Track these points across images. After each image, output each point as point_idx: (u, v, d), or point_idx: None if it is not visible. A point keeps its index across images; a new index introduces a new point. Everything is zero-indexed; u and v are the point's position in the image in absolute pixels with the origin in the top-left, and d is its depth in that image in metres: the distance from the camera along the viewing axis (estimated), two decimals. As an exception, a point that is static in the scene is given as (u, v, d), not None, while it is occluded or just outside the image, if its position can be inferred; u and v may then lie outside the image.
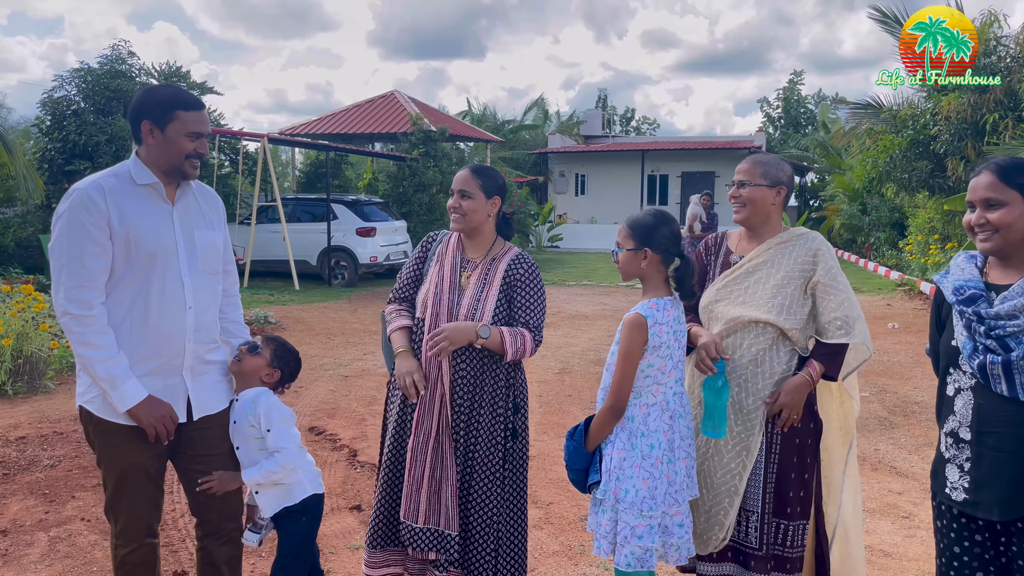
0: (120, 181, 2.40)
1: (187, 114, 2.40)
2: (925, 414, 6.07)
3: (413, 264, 3.00)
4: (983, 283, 2.08)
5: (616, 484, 2.48)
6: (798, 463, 2.63)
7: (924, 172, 12.81)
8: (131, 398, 2.35)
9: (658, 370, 2.50)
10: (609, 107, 43.59)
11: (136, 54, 15.85)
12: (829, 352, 2.64)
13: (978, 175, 2.07)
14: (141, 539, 2.49)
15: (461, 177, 2.86)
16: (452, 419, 2.78)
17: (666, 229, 2.54)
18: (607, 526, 2.50)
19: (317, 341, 9.06)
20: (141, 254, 2.37)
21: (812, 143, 26.24)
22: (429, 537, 2.77)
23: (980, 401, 2.03)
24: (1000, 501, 1.98)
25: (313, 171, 20.44)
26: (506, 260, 2.88)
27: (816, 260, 2.65)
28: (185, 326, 2.45)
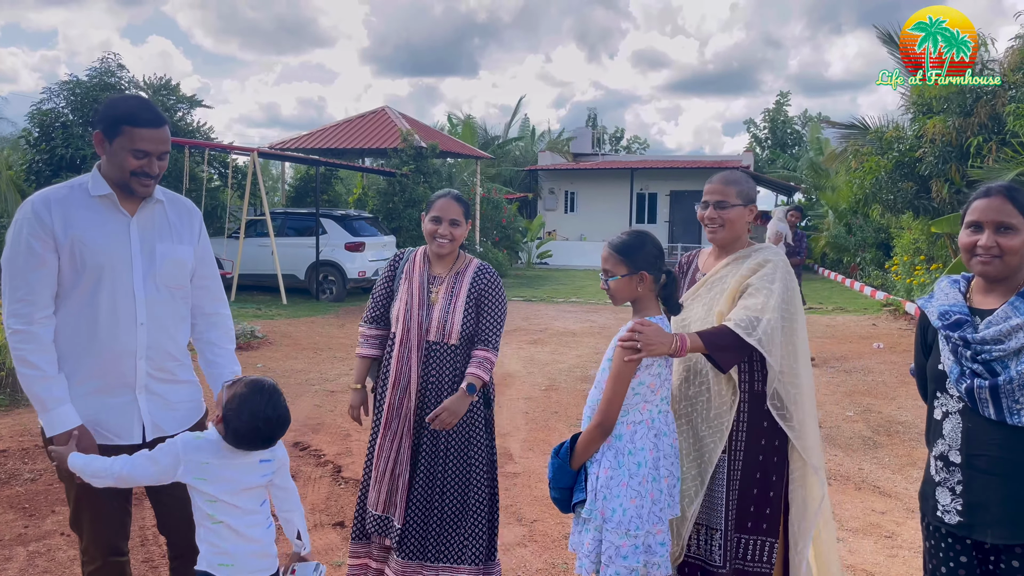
0: (74, 192, 2.34)
1: (135, 130, 2.27)
2: (909, 434, 6.10)
3: (383, 282, 3.26)
4: (967, 308, 2.11)
5: (603, 503, 2.45)
6: (761, 479, 2.60)
7: (909, 193, 12.93)
8: (60, 424, 2.25)
9: (648, 388, 2.49)
10: (599, 126, 43.88)
11: (125, 67, 15.89)
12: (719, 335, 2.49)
13: (988, 197, 2.08)
14: (104, 557, 2.42)
15: (449, 206, 3.06)
16: (415, 423, 3.05)
17: (652, 247, 2.54)
18: (590, 545, 2.47)
19: (304, 356, 9.03)
20: (87, 266, 2.28)
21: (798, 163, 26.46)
22: (384, 524, 3.06)
23: (969, 425, 2.04)
24: (994, 524, 2.00)
25: (303, 186, 20.43)
26: (470, 273, 3.15)
27: (758, 269, 2.61)
28: (136, 343, 2.35)
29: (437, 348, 3.05)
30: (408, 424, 3.04)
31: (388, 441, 3.06)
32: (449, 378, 3.05)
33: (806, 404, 2.60)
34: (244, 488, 2.20)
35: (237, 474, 2.19)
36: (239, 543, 2.19)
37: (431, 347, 3.05)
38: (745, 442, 2.61)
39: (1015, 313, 2.00)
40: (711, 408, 2.61)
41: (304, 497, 4.54)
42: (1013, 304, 2.02)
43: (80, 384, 2.31)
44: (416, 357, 3.04)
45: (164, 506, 2.52)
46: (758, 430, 2.60)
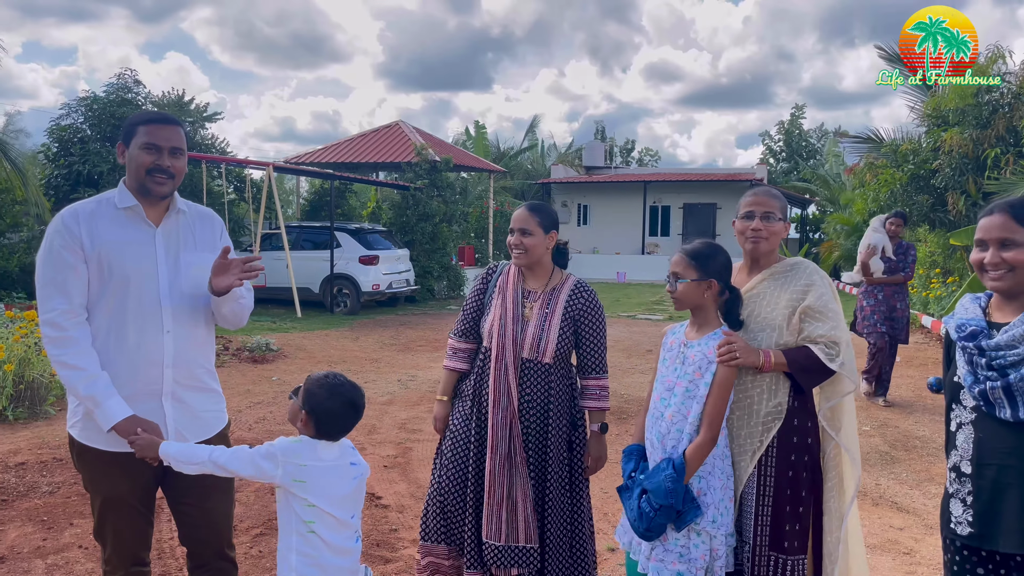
0: (101, 206, 2.43)
1: (145, 127, 2.40)
2: (927, 449, 6.05)
3: (474, 295, 3.22)
4: (985, 321, 2.14)
5: (716, 510, 2.51)
6: (792, 495, 2.60)
7: (925, 206, 12.87)
8: (114, 415, 2.31)
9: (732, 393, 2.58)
10: (608, 138, 43.94)
11: (142, 83, 16.08)
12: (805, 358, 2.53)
13: (990, 215, 2.13)
14: (127, 567, 2.47)
15: (520, 216, 3.04)
16: (523, 439, 2.98)
17: (725, 258, 2.59)
18: (705, 558, 2.49)
19: (318, 369, 9.03)
20: (115, 277, 2.36)
21: (813, 175, 26.39)
22: (511, 554, 2.94)
23: (980, 434, 2.06)
24: (1005, 532, 2.00)
25: (317, 199, 20.57)
26: (566, 290, 3.07)
27: (808, 290, 2.63)
28: (163, 350, 2.42)
29: (530, 365, 2.99)
30: (519, 443, 2.95)
31: (499, 464, 2.94)
32: (541, 397, 2.98)
33: (852, 413, 2.68)
34: (340, 496, 2.25)
35: (333, 479, 2.24)
36: (330, 555, 2.22)
37: (524, 364, 2.99)
38: (776, 458, 2.59)
39: None
40: (747, 424, 2.60)
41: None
42: None
43: None
44: (514, 373, 2.97)
45: (187, 516, 2.55)
46: (789, 445, 2.60)
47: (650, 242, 28.07)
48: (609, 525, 4.41)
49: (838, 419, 2.67)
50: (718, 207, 27.74)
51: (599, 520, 4.49)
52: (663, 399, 2.60)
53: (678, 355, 2.60)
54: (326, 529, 2.22)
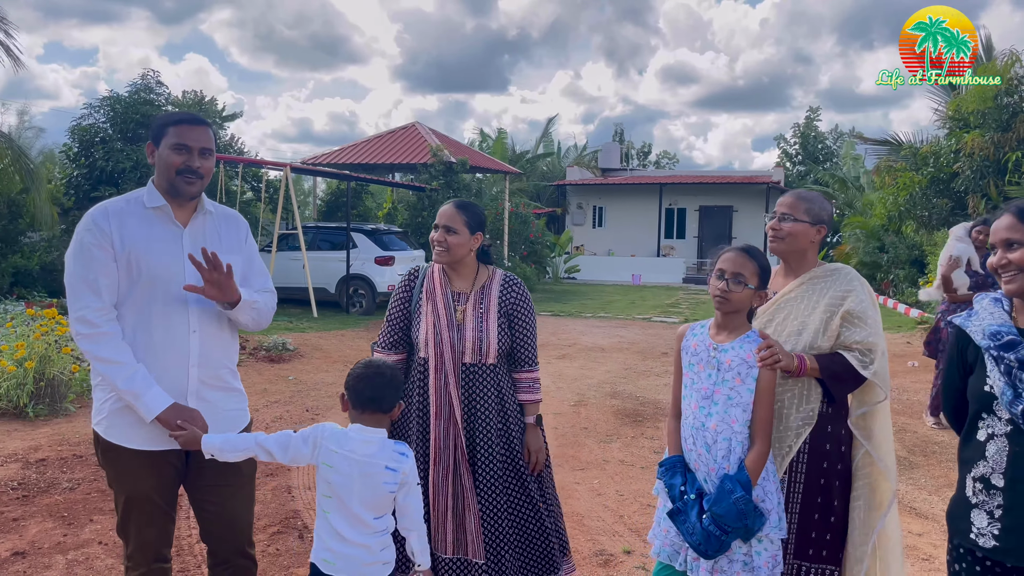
0: (130, 204, 2.46)
1: (176, 128, 2.43)
2: (945, 454, 5.99)
3: (399, 303, 3.03)
4: (1016, 328, 2.07)
5: (775, 516, 2.46)
6: (823, 503, 2.56)
7: (944, 210, 12.78)
8: (157, 405, 2.34)
9: None
10: (626, 141, 43.87)
11: (164, 83, 16.22)
12: (837, 364, 2.51)
13: (999, 218, 2.11)
14: (149, 564, 2.50)
15: (446, 212, 2.92)
16: (468, 450, 2.87)
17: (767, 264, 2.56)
18: (768, 564, 2.42)
19: (334, 369, 9.10)
20: (142, 276, 2.39)
21: (831, 178, 26.21)
22: (459, 567, 2.86)
23: (1016, 448, 2.00)
24: None
25: (334, 200, 20.67)
26: (496, 286, 2.98)
27: (847, 295, 2.60)
28: (189, 350, 2.44)
29: (476, 370, 2.89)
30: (462, 454, 2.86)
31: (442, 477, 2.87)
32: (492, 399, 2.90)
33: (887, 421, 2.63)
34: (362, 493, 2.27)
35: (359, 475, 2.27)
36: (338, 544, 2.30)
37: (468, 369, 2.88)
38: (807, 464, 2.57)
39: None
40: (776, 431, 2.56)
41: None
42: None
43: None
44: (455, 382, 2.86)
45: (208, 513, 2.57)
46: (821, 452, 2.57)
47: (666, 244, 28.00)
48: (626, 528, 4.40)
49: (869, 427, 2.63)
50: (734, 210, 27.62)
51: (615, 522, 4.48)
52: (702, 408, 2.48)
53: (709, 360, 2.50)
54: (338, 518, 2.29)
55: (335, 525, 2.30)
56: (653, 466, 5.57)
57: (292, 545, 4.04)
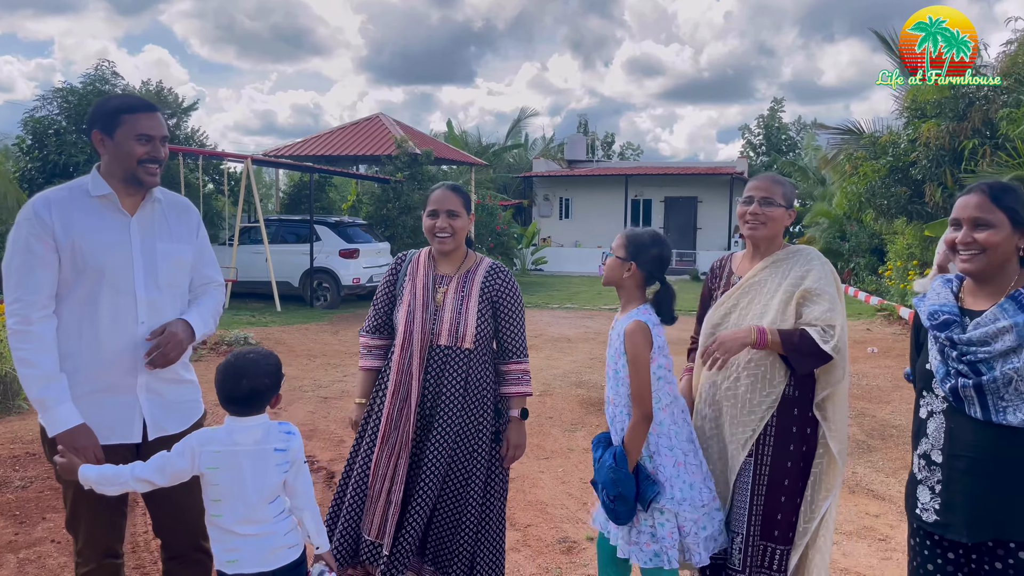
0: (73, 194, 2.36)
1: (132, 117, 2.33)
2: (903, 437, 6.11)
3: (384, 287, 3.01)
4: (958, 308, 2.10)
5: (672, 489, 2.53)
6: (789, 486, 2.60)
7: (903, 198, 12.97)
8: (60, 423, 2.26)
9: (666, 370, 2.61)
10: (591, 132, 43.99)
11: (120, 74, 15.89)
12: (799, 338, 2.53)
13: (967, 195, 2.09)
14: (100, 559, 2.44)
15: (446, 197, 2.85)
16: (415, 437, 2.80)
17: (656, 251, 2.63)
18: (673, 535, 2.51)
19: (298, 363, 9.00)
20: (88, 267, 2.31)
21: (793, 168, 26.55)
22: (374, 551, 2.80)
23: (952, 425, 2.04)
24: (969, 523, 2.00)
25: (297, 192, 20.44)
26: (481, 272, 2.91)
27: (806, 274, 2.62)
28: (137, 342, 2.37)
29: (450, 353, 2.80)
30: (407, 437, 2.77)
31: (385, 457, 2.80)
32: (462, 385, 2.80)
33: (844, 405, 2.67)
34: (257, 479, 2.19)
35: (249, 463, 2.19)
36: (238, 540, 2.20)
37: (442, 352, 2.80)
38: (774, 447, 2.59)
39: (1003, 315, 1.99)
40: (739, 414, 2.60)
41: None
42: (1002, 307, 2.00)
43: (82, 383, 2.32)
44: (419, 363, 2.79)
45: (160, 507, 2.52)
46: (787, 435, 2.60)
47: (632, 235, 28.15)
48: (590, 515, 4.41)
49: (826, 410, 2.65)
50: (699, 201, 27.84)
51: (579, 509, 4.50)
52: (607, 384, 2.68)
53: (610, 338, 2.70)
54: (236, 519, 2.20)
55: (230, 526, 2.20)
56: (617, 454, 5.60)
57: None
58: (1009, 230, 2.03)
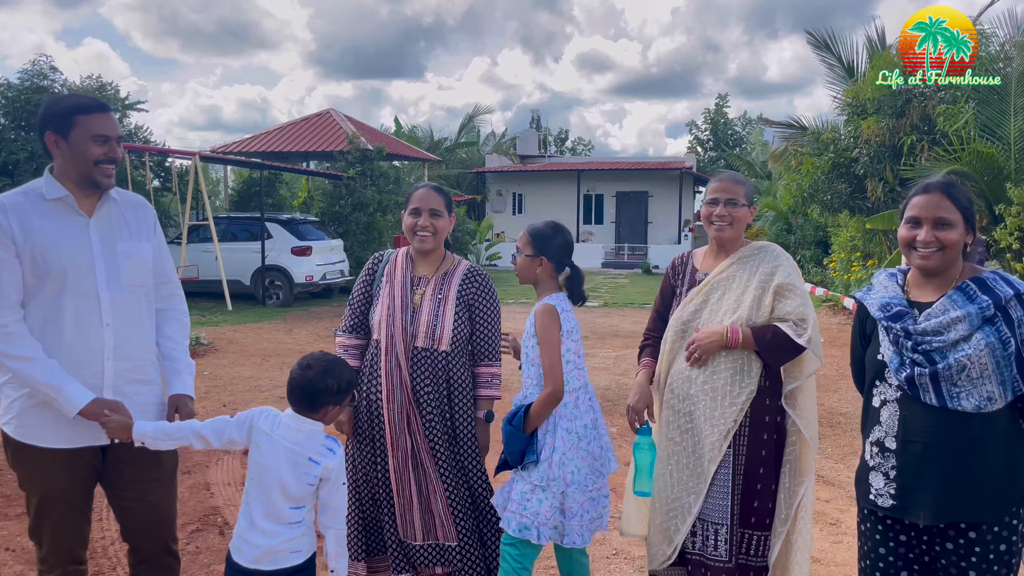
0: (28, 198, 2.33)
1: (88, 118, 2.30)
2: (850, 424, 6.31)
3: (361, 287, 3.02)
4: (906, 300, 2.20)
5: (562, 469, 2.63)
6: (764, 474, 2.67)
7: (845, 194, 13.33)
8: (79, 400, 2.27)
9: (575, 355, 2.72)
10: (544, 128, 44.15)
11: (58, 69, 15.42)
12: (771, 336, 2.62)
13: (927, 194, 2.17)
14: (64, 566, 2.41)
15: (428, 196, 2.88)
16: (426, 432, 2.83)
17: (560, 240, 2.78)
18: (548, 512, 2.62)
19: (251, 362, 8.89)
20: (50, 271, 2.28)
21: (740, 162, 27.05)
22: (432, 552, 2.86)
23: (906, 412, 2.14)
24: (927, 505, 2.09)
25: (246, 189, 20.10)
26: (459, 275, 2.94)
27: (775, 270, 2.71)
28: (103, 344, 2.35)
29: (425, 354, 2.83)
30: (421, 438, 2.81)
31: (403, 463, 2.82)
32: (437, 387, 2.83)
33: (812, 394, 2.76)
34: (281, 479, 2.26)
35: (281, 461, 2.27)
36: (251, 533, 2.28)
37: (419, 353, 2.83)
38: (749, 437, 2.66)
39: (953, 306, 2.09)
40: (719, 407, 2.65)
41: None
42: (951, 298, 2.11)
43: None
44: (407, 365, 2.81)
45: (130, 510, 2.50)
46: (761, 425, 2.67)
47: (584, 230, 28.35)
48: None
49: (796, 400, 2.73)
50: (650, 195, 28.18)
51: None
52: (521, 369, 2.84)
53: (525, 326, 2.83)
54: (259, 507, 2.28)
55: (252, 512, 2.29)
56: (576, 447, 5.67)
57: (213, 542, 3.95)
58: (963, 228, 2.13)
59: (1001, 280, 2.11)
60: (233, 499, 4.56)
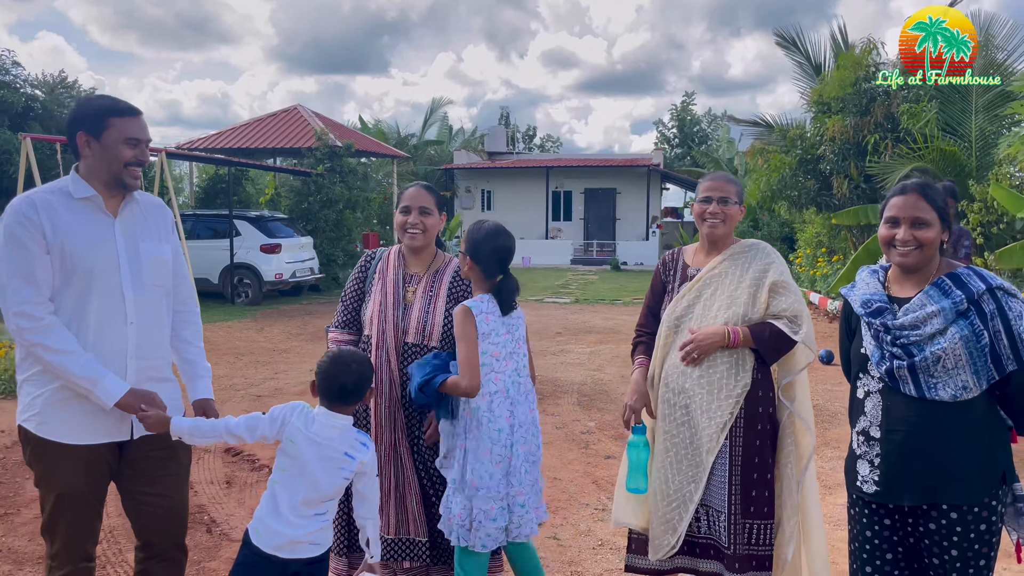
0: (56, 196, 2.36)
1: (121, 121, 2.36)
2: (820, 416, 6.45)
3: (354, 284, 3.07)
4: (886, 296, 2.30)
5: (472, 473, 2.66)
6: (759, 463, 2.73)
7: (812, 190, 13.59)
8: (116, 391, 2.30)
9: (492, 357, 2.71)
10: (512, 124, 44.19)
11: (21, 64, 15.11)
12: (768, 334, 2.70)
13: (904, 195, 2.28)
14: (76, 563, 2.42)
15: (419, 195, 2.94)
16: (407, 428, 2.88)
17: (491, 245, 2.75)
18: (462, 515, 2.66)
19: (224, 361, 8.81)
20: (78, 269, 2.32)
21: (707, 159, 27.34)
22: (401, 546, 2.87)
23: (888, 403, 2.24)
24: (908, 490, 2.20)
25: (212, 186, 19.82)
26: (450, 272, 3.00)
27: (768, 268, 2.78)
28: (126, 342, 2.39)
29: (416, 350, 2.88)
30: (402, 432, 2.87)
31: (384, 457, 2.85)
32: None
33: (806, 384, 2.82)
34: (315, 476, 2.32)
35: (316, 457, 2.33)
36: (274, 520, 2.33)
37: (409, 349, 2.88)
38: (744, 428, 2.72)
39: (929, 301, 2.20)
40: (715, 399, 2.71)
41: (242, 502, 4.48)
42: (927, 293, 2.22)
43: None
44: (397, 361, 2.87)
45: (149, 505, 2.52)
46: (755, 416, 2.73)
47: (553, 227, 28.46)
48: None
49: (794, 391, 2.81)
50: (618, 192, 28.36)
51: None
52: None
53: None
54: (286, 498, 2.33)
55: (279, 502, 2.33)
56: (554, 440, 5.74)
57: (200, 540, 3.94)
58: (939, 226, 2.25)
59: (974, 275, 2.21)
60: (217, 497, 4.54)
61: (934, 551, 2.20)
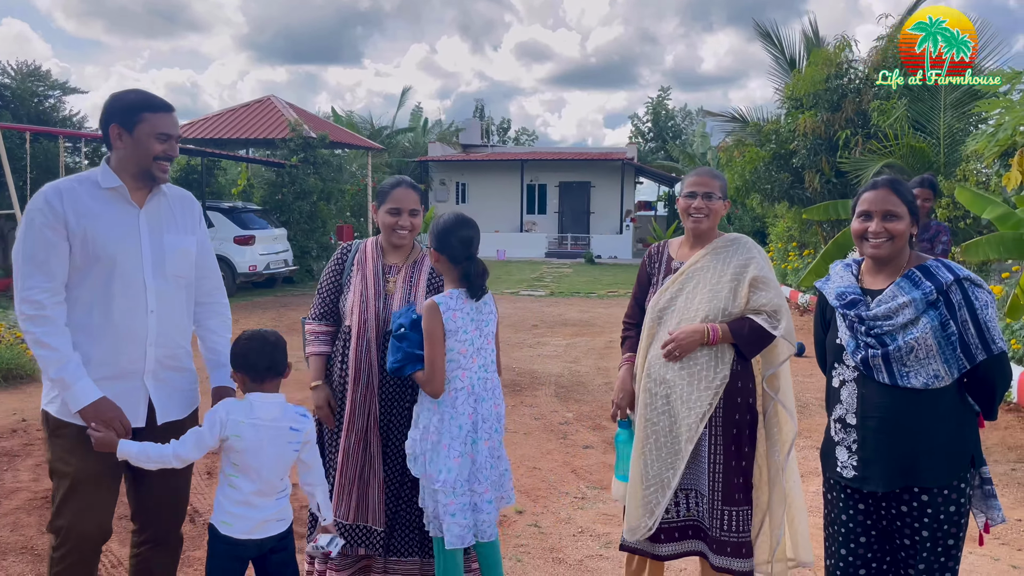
0: (84, 185, 2.42)
1: (154, 116, 2.42)
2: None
3: (330, 276, 3.09)
4: (860, 288, 2.40)
5: (431, 466, 2.69)
6: (736, 452, 2.80)
7: (785, 184, 13.77)
8: (84, 397, 2.33)
9: (459, 354, 2.73)
10: (487, 117, 44.16)
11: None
12: (748, 330, 2.76)
13: (875, 190, 2.38)
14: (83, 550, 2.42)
15: (408, 196, 2.98)
16: (380, 419, 2.92)
17: (454, 237, 2.76)
18: (432, 508, 2.72)
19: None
20: (100, 256, 2.37)
21: (681, 153, 27.57)
22: (358, 533, 2.91)
23: (863, 391, 2.33)
24: (882, 475, 2.29)
25: (184, 177, 19.59)
26: (427, 263, 3.06)
27: (749, 262, 2.84)
28: (147, 330, 2.45)
29: None
30: (374, 421, 2.91)
31: (354, 444, 2.90)
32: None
33: (788, 374, 2.90)
34: (271, 455, 2.40)
35: (267, 438, 2.40)
36: (243, 508, 2.41)
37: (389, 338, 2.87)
38: (723, 418, 2.79)
39: (900, 292, 2.29)
40: (695, 389, 2.76)
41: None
42: (899, 284, 2.31)
43: (92, 371, 2.37)
44: (377, 351, 2.91)
45: (155, 491, 2.56)
46: (734, 405, 2.80)
47: (528, 220, 28.52)
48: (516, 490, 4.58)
49: (777, 382, 2.88)
50: (592, 185, 28.49)
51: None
52: None
53: None
54: (250, 487, 2.40)
55: (242, 491, 2.40)
56: (532, 431, 5.80)
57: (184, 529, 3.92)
58: (909, 219, 2.35)
59: (943, 267, 2.31)
60: (199, 487, 4.54)
61: (906, 532, 2.29)
